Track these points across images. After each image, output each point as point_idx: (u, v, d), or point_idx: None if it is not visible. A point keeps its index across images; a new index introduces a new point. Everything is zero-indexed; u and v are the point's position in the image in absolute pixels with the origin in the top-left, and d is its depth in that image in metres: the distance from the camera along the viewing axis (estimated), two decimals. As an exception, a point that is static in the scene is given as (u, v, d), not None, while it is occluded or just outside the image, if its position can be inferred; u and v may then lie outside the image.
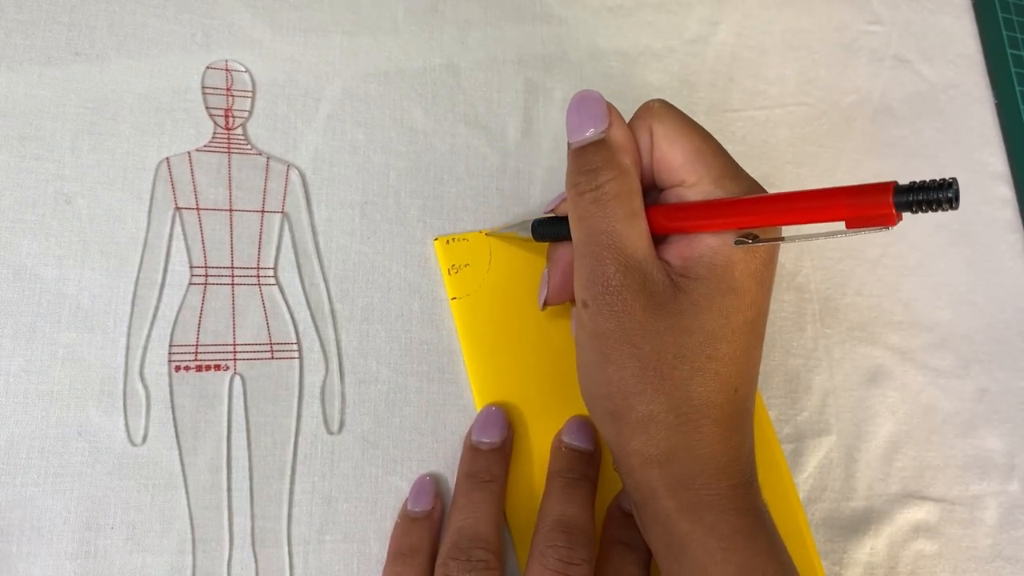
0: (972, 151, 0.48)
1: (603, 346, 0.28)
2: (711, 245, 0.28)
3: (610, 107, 0.30)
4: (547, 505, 0.32)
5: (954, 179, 0.24)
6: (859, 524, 0.40)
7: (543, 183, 0.39)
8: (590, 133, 0.29)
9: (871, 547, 0.39)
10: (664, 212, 0.29)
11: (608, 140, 0.29)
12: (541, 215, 0.35)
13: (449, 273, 0.35)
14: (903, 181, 0.24)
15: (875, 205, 0.25)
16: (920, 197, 0.24)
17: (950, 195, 0.24)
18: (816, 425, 0.40)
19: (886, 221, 0.25)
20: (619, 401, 0.28)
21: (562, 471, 0.33)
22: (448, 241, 0.36)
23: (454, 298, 0.35)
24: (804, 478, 0.39)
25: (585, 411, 0.32)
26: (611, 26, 0.42)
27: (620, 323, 0.27)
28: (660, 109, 0.30)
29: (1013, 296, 0.46)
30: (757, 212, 0.27)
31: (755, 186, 0.29)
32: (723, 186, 0.29)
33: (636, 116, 0.31)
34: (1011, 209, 0.48)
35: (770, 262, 0.29)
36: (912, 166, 0.47)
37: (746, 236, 0.29)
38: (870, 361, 0.42)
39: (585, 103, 0.30)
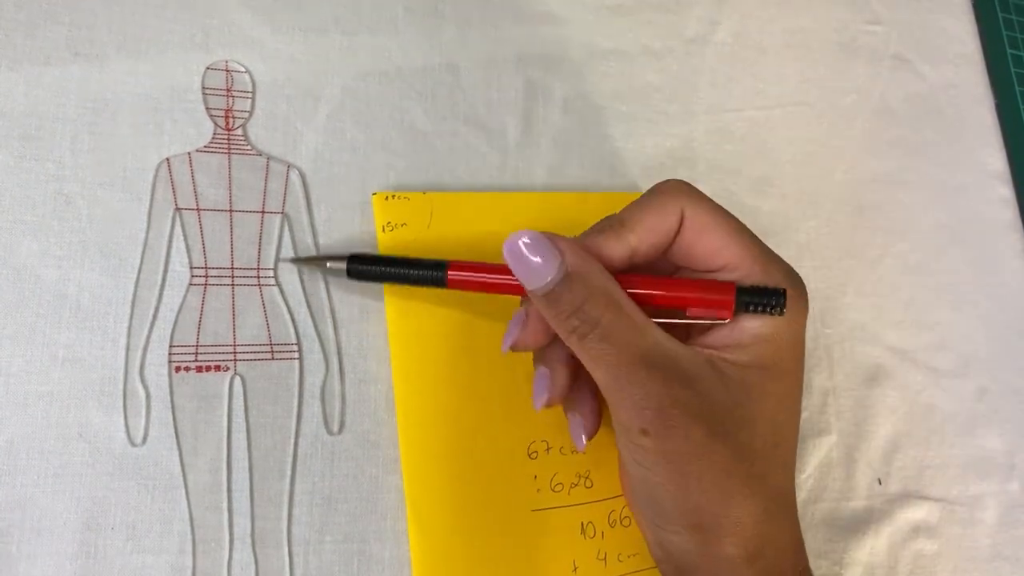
0: (972, 151, 0.48)
1: (677, 465, 0.27)
2: (753, 328, 0.28)
3: (548, 235, 0.28)
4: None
5: (784, 290, 0.28)
6: (859, 524, 0.40)
7: (543, 183, 0.39)
8: (551, 276, 0.27)
9: (871, 547, 0.39)
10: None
11: (572, 272, 0.27)
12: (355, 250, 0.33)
13: (383, 231, 0.34)
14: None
15: (718, 301, 0.28)
16: (755, 299, 0.28)
17: (780, 302, 0.28)
18: (816, 425, 0.40)
19: (724, 315, 0.28)
20: (705, 514, 0.27)
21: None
22: (387, 197, 0.35)
23: None
24: (804, 478, 0.39)
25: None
26: (611, 26, 0.42)
27: (688, 437, 0.26)
28: (691, 191, 0.29)
29: (1013, 296, 0.46)
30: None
31: (789, 268, 0.30)
32: (766, 269, 0.29)
33: (660, 194, 0.29)
34: (1011, 209, 0.48)
35: (802, 336, 0.29)
36: (911, 166, 0.47)
37: None
38: (870, 361, 0.42)
39: (522, 248, 0.27)
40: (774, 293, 0.28)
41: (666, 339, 0.28)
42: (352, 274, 0.32)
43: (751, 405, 0.27)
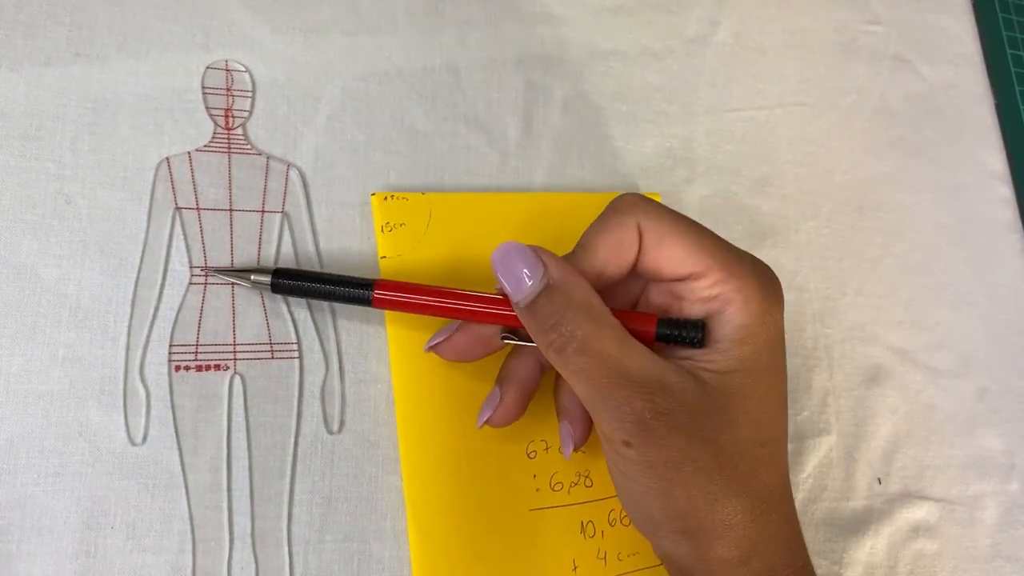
0: (971, 151, 0.48)
1: (661, 472, 0.27)
2: (727, 334, 0.28)
3: (533, 248, 0.28)
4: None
5: (703, 322, 0.29)
6: (859, 524, 0.40)
7: (543, 183, 0.39)
8: (532, 286, 0.28)
9: (871, 547, 0.39)
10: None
11: (554, 283, 0.28)
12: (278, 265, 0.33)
13: (382, 231, 0.35)
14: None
15: (637, 333, 0.28)
16: (674, 331, 0.29)
17: (698, 336, 0.29)
18: (816, 425, 0.40)
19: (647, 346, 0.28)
20: (692, 519, 0.27)
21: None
22: (386, 198, 0.35)
23: (383, 257, 0.34)
24: (804, 478, 0.39)
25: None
26: (611, 26, 0.42)
27: (671, 446, 0.27)
28: (644, 204, 0.30)
29: (1013, 296, 0.46)
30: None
31: (756, 263, 0.30)
32: (731, 270, 0.29)
33: (616, 212, 0.30)
34: (1011, 209, 0.48)
35: (780, 330, 0.29)
36: (911, 166, 0.47)
37: (512, 333, 0.31)
38: (870, 361, 0.42)
39: (509, 259, 0.28)
40: (693, 326, 0.29)
41: (646, 353, 0.28)
42: (276, 289, 0.31)
43: (733, 408, 0.28)
